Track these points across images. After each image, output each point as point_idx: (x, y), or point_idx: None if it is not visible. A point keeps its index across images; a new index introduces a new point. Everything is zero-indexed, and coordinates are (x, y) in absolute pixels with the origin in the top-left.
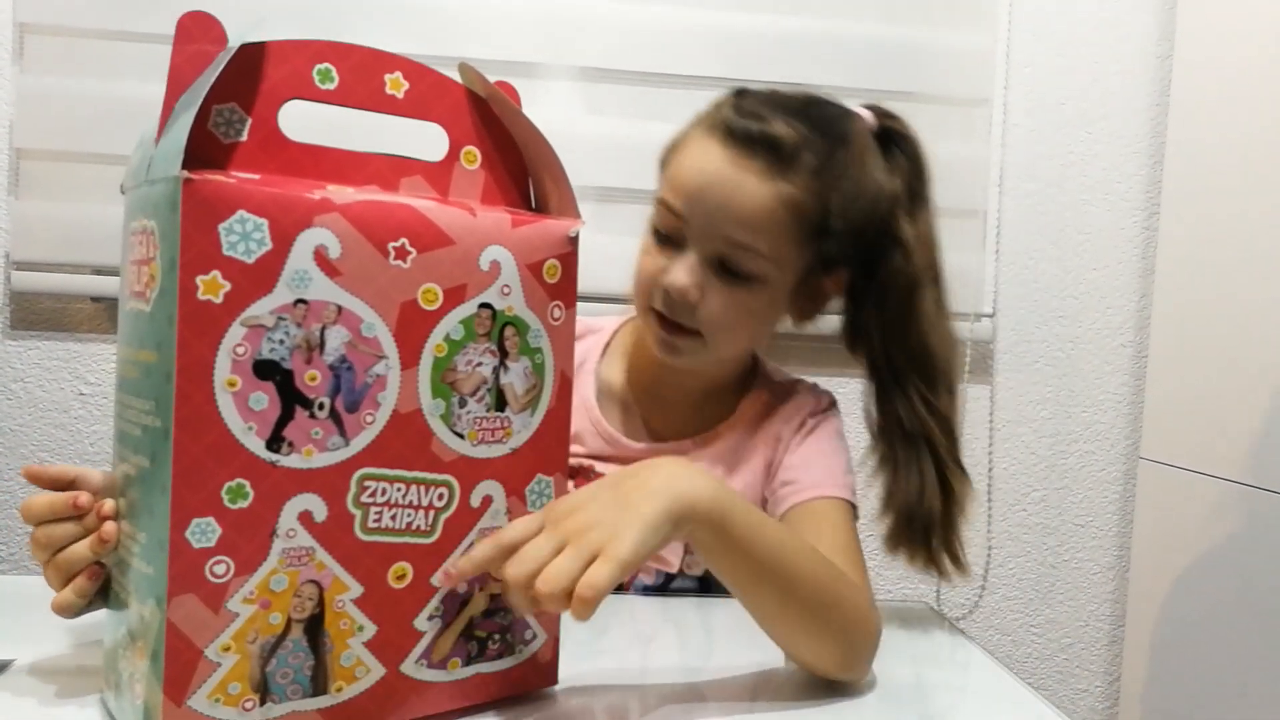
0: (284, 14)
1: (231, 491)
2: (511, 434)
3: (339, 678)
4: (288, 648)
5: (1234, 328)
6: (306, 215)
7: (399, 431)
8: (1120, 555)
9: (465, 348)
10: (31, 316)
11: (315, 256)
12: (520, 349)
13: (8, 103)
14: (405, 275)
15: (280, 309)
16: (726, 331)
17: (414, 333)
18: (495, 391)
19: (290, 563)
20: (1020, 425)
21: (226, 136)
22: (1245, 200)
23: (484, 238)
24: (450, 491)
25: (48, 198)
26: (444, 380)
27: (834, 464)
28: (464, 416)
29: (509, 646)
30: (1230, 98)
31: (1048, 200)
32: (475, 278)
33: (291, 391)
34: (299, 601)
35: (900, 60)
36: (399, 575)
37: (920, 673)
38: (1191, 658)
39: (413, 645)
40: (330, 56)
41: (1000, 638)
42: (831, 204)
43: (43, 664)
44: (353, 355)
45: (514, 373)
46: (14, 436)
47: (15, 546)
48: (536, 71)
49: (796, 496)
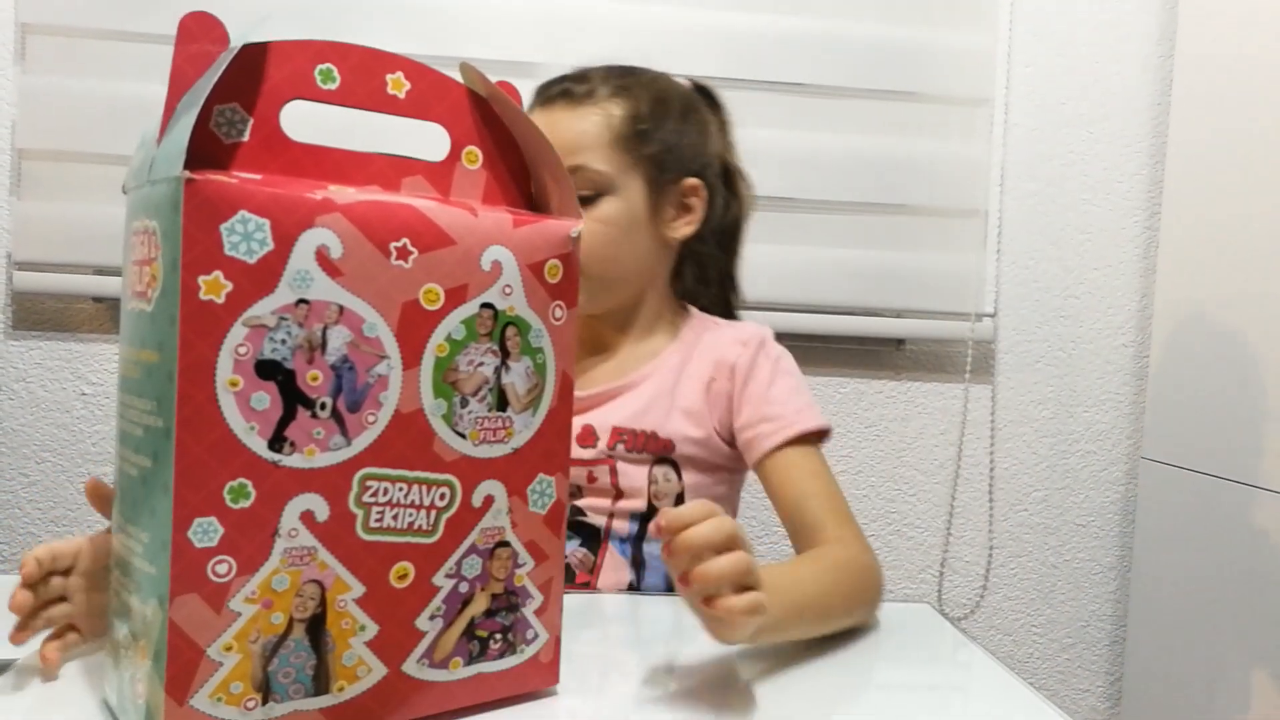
0: (285, 14)
1: (233, 491)
2: (513, 434)
3: (341, 677)
4: (289, 647)
5: (1235, 327)
6: (308, 215)
7: (401, 431)
8: (1122, 555)
9: (467, 348)
10: (33, 316)
11: (317, 256)
12: (522, 349)
13: (9, 102)
14: (407, 275)
15: (282, 309)
16: (597, 256)
17: (416, 333)
18: (497, 391)
19: (292, 562)
20: (1022, 425)
21: (228, 137)
22: (1246, 200)
23: (485, 238)
24: (452, 491)
25: (49, 198)
26: (445, 380)
27: (804, 395)
28: (466, 416)
29: (510, 646)
30: (1231, 97)
31: (1049, 200)
32: (477, 278)
33: (293, 391)
34: (301, 601)
35: (901, 60)
36: (400, 575)
37: (921, 673)
38: (1193, 658)
39: (414, 645)
40: (332, 56)
41: (1002, 638)
42: (639, 111)
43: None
44: (354, 355)
45: (515, 373)
46: (16, 436)
47: (16, 546)
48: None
49: (781, 435)
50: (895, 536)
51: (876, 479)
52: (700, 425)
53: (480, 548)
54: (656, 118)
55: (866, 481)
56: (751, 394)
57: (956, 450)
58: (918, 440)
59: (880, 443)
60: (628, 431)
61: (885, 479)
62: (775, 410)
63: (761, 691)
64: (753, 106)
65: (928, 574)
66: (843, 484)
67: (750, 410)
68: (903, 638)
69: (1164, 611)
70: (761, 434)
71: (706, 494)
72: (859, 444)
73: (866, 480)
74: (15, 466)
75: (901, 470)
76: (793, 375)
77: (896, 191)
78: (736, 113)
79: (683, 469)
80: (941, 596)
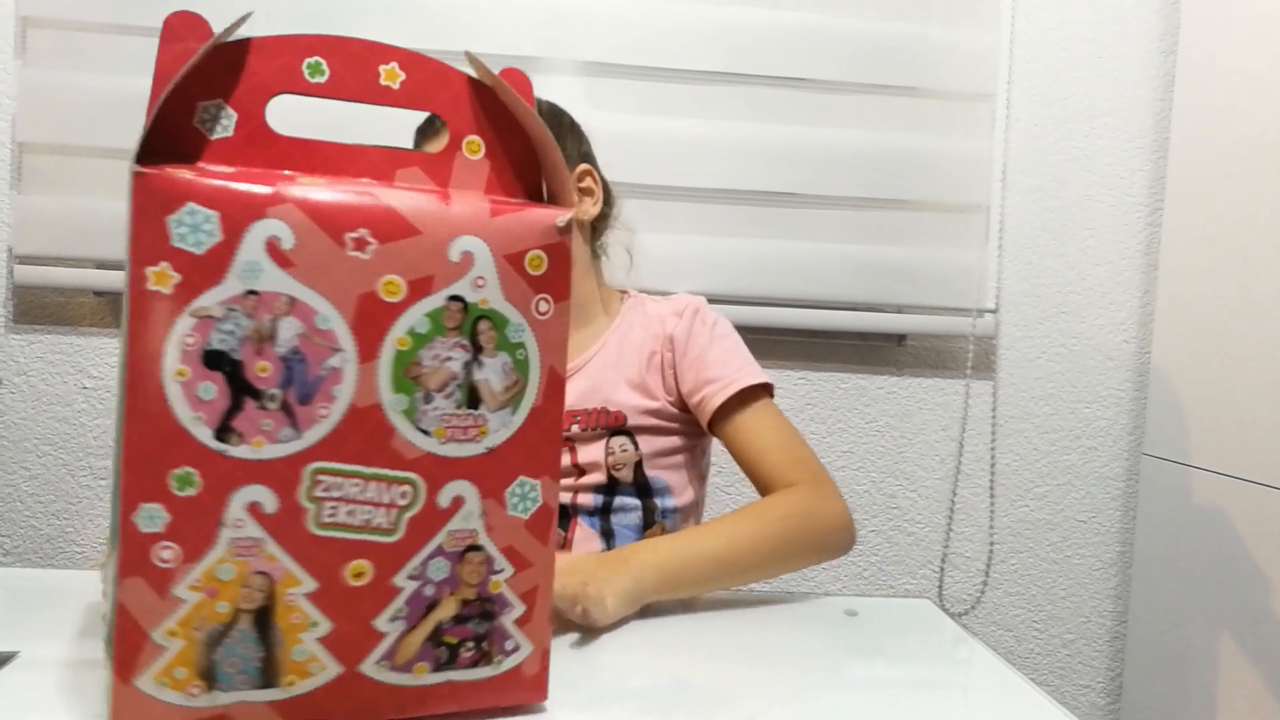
0: (285, 14)
1: (179, 479)
2: (487, 432)
3: (290, 671)
4: (235, 637)
5: (1237, 324)
6: (259, 207)
7: (356, 426)
8: (1123, 551)
9: (432, 342)
10: (34, 310)
11: (267, 248)
12: (498, 344)
13: (10, 96)
14: (365, 266)
15: (230, 300)
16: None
17: (374, 325)
18: (467, 388)
19: (238, 553)
20: (1023, 421)
21: (211, 132)
22: (1249, 196)
23: (455, 228)
24: (415, 490)
25: (50, 192)
26: (408, 375)
27: (742, 354)
28: (430, 413)
29: (485, 655)
30: (1234, 93)
31: (1051, 196)
32: (444, 269)
33: (241, 382)
34: (247, 592)
35: (904, 55)
36: (357, 573)
37: (922, 668)
38: (1193, 654)
39: (373, 645)
40: (321, 50)
41: (1002, 633)
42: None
43: (46, 657)
44: (306, 347)
45: (490, 368)
46: (17, 430)
47: (19, 539)
48: (539, 66)
49: (725, 393)
50: (896, 532)
51: (877, 474)
52: (650, 395)
53: (448, 550)
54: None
55: (867, 477)
56: (692, 360)
57: (958, 446)
58: (919, 436)
59: (881, 438)
60: (580, 412)
61: (886, 474)
62: (716, 372)
63: (761, 689)
64: (754, 102)
65: (928, 569)
66: (844, 479)
67: (694, 375)
68: (903, 633)
69: (1164, 607)
70: (707, 395)
71: (665, 459)
72: (860, 439)
73: (867, 475)
74: (16, 460)
75: (903, 466)
76: (729, 338)
77: (898, 187)
78: (738, 108)
79: (638, 437)
80: (942, 592)
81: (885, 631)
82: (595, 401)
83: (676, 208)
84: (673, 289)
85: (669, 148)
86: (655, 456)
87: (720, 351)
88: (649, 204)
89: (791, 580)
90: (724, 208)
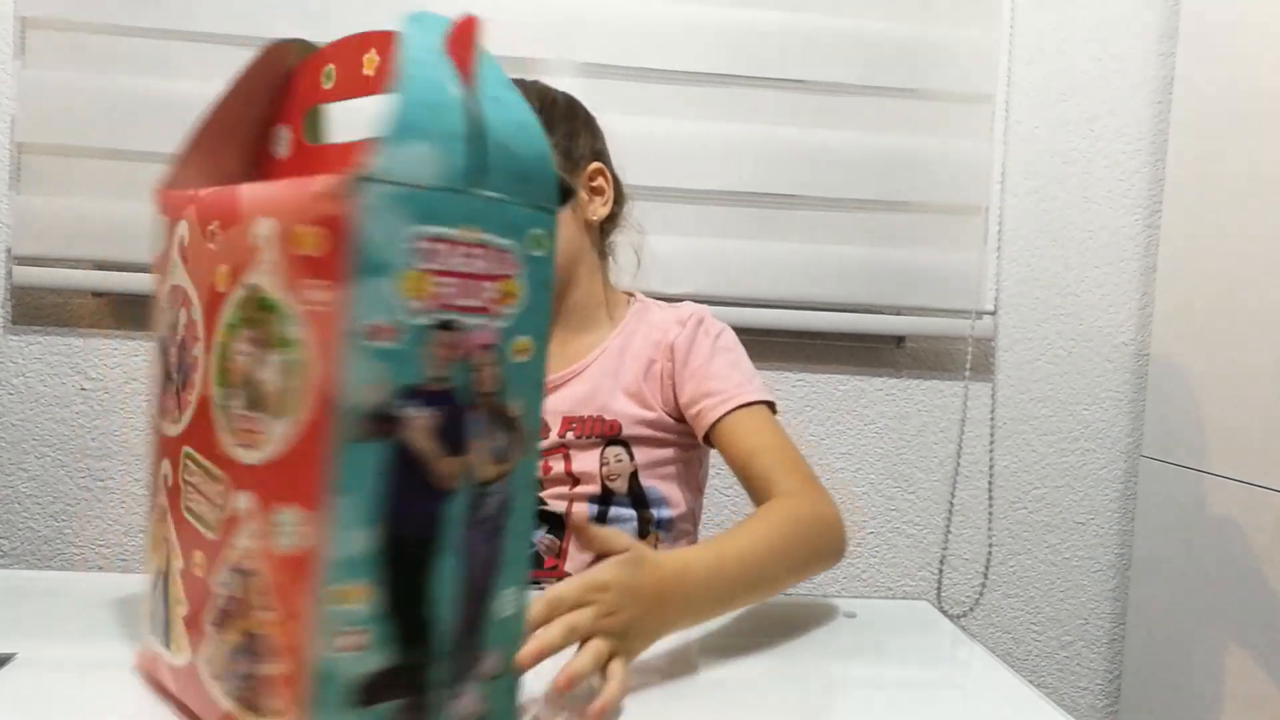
0: (286, 15)
1: (149, 446)
2: (266, 440)
3: (174, 643)
4: (157, 590)
5: (1235, 326)
6: (178, 211)
7: (202, 415)
8: (1121, 553)
9: (238, 334)
10: (33, 311)
11: (179, 247)
12: (274, 339)
13: (9, 97)
14: (211, 256)
15: (168, 294)
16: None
17: (213, 315)
18: (252, 386)
19: (159, 516)
20: (1021, 423)
21: (277, 154)
22: (1247, 199)
23: (258, 206)
24: (225, 491)
25: (49, 192)
26: (225, 368)
27: (744, 369)
28: (233, 410)
29: (252, 706)
30: (1233, 95)
31: (1050, 197)
32: (247, 255)
33: (164, 367)
34: (160, 555)
35: (903, 56)
36: (199, 564)
37: (921, 670)
38: (1192, 656)
39: (201, 642)
40: (332, 57)
41: (1001, 635)
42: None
43: (44, 657)
44: (187, 336)
45: (270, 366)
46: (15, 431)
47: (17, 540)
48: (538, 67)
49: (724, 407)
50: (895, 534)
51: (876, 476)
52: (646, 405)
53: (237, 566)
54: (548, 116)
55: (866, 479)
56: (693, 371)
57: (956, 448)
58: (917, 438)
59: (880, 440)
60: (576, 419)
61: (885, 476)
62: (716, 385)
63: (759, 690)
64: (753, 103)
65: (927, 571)
66: (843, 481)
67: (693, 387)
68: (902, 635)
69: (1163, 609)
70: (705, 409)
71: (660, 470)
72: (859, 441)
73: (866, 477)
74: (15, 461)
75: (901, 468)
76: (732, 350)
77: (897, 188)
78: (736, 110)
79: (633, 447)
80: (941, 594)
81: (884, 633)
82: (592, 408)
83: (674, 209)
84: (670, 290)
85: (667, 149)
86: (651, 467)
87: (722, 364)
88: (647, 205)
89: None
90: (722, 209)
